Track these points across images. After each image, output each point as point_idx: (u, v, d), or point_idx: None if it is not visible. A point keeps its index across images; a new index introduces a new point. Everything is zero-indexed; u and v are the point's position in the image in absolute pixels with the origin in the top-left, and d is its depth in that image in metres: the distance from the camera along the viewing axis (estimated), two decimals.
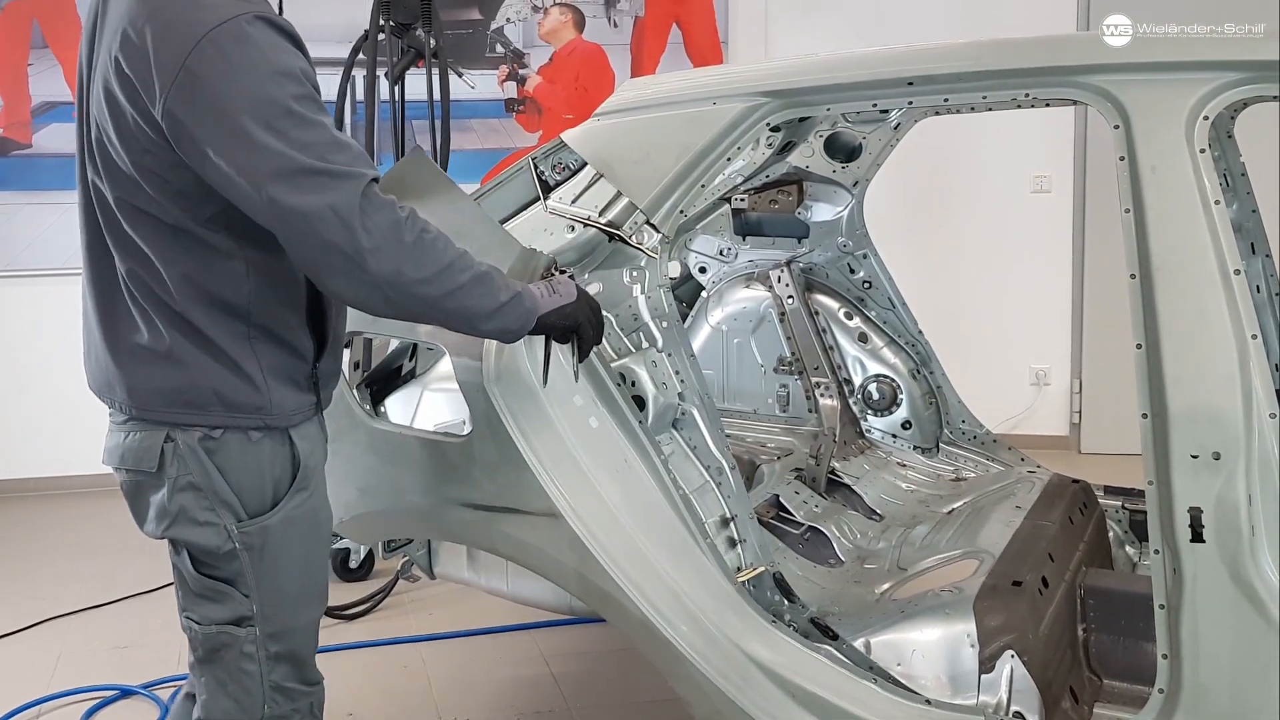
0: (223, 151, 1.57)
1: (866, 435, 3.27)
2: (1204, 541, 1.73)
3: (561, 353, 2.08)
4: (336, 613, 3.65)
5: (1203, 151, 1.77)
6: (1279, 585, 1.70)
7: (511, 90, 5.36)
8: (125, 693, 3.21)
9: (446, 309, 1.73)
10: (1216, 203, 1.76)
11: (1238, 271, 1.74)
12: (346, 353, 2.51)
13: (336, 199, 1.57)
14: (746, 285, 3.40)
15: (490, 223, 2.25)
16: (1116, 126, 1.86)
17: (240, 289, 1.72)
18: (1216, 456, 1.71)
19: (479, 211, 2.27)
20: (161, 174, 1.65)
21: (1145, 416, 1.77)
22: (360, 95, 4.14)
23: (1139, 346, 1.78)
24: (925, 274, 4.82)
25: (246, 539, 1.77)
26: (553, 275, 2.07)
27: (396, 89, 3.76)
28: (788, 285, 3.30)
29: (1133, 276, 1.79)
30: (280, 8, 2.05)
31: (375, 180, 1.64)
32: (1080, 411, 5.44)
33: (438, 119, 3.74)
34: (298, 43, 1.66)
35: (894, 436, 3.25)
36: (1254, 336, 1.72)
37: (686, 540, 2.14)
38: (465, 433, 2.31)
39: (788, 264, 3.31)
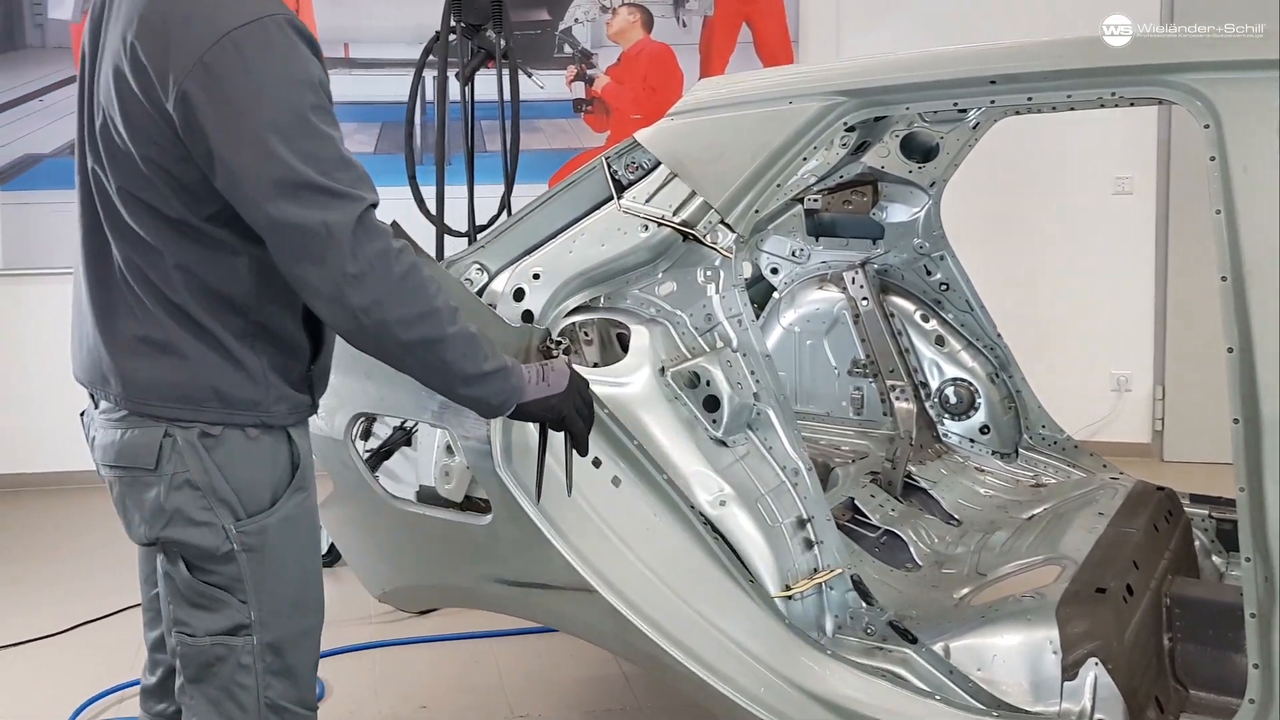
0: (229, 152, 1.54)
1: (943, 440, 3.22)
2: None
3: (553, 452, 1.99)
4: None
5: None
6: None
7: (579, 90, 5.38)
8: None
9: (423, 359, 1.67)
10: None
11: None
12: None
13: (332, 217, 1.54)
14: (819, 286, 3.37)
15: (476, 300, 2.22)
16: (1206, 126, 1.81)
17: (241, 285, 1.68)
18: None
19: (465, 288, 2.23)
20: (167, 167, 1.61)
21: (1236, 422, 1.73)
22: (431, 96, 4.19)
23: (1230, 350, 1.73)
24: (1004, 277, 4.75)
25: (245, 539, 1.71)
26: (550, 351, 2.01)
27: (467, 89, 3.80)
28: (862, 287, 3.26)
29: (1224, 279, 1.75)
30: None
31: (375, 206, 1.60)
32: (1163, 418, 5.33)
33: (507, 119, 3.77)
34: (317, 51, 1.62)
35: (972, 441, 3.20)
36: None
37: (728, 586, 2.11)
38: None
39: (862, 265, 3.28)
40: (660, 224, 2.29)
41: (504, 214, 3.89)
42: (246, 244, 1.66)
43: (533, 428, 2.08)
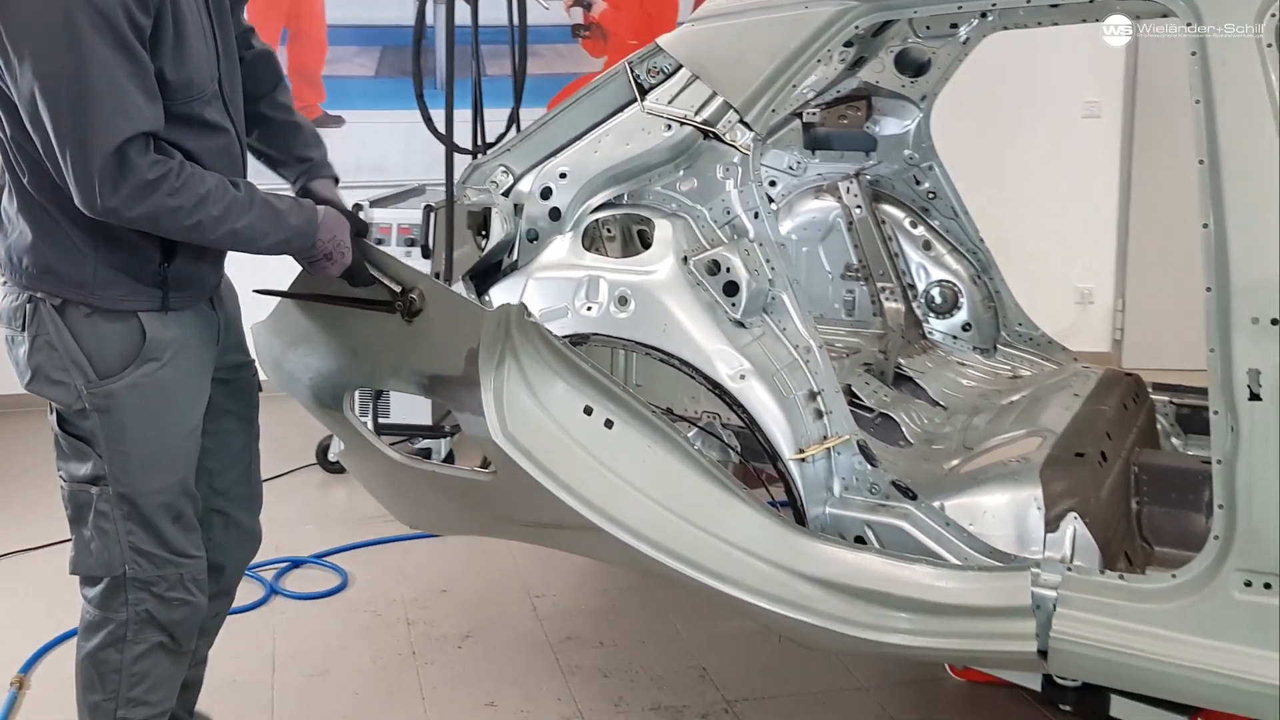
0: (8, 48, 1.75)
1: (928, 337, 3.45)
2: (1261, 400, 1.89)
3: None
4: None
5: (1270, 46, 1.92)
6: None
7: (578, 16, 5.49)
8: None
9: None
10: None
11: None
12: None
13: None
14: (816, 196, 3.56)
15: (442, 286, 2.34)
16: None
17: None
18: (1275, 322, 1.87)
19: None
20: None
21: (1209, 290, 1.92)
22: (431, 20, 4.28)
23: (1205, 226, 1.93)
24: (974, 195, 4.92)
25: (95, 400, 1.93)
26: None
27: (470, 12, 3.90)
28: (856, 196, 3.46)
29: (1201, 162, 1.94)
30: None
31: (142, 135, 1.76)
32: (1122, 329, 5.62)
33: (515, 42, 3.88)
34: None
35: (954, 338, 3.43)
36: None
37: (723, 496, 2.27)
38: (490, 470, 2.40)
39: (855, 176, 3.47)
40: (683, 123, 2.46)
41: (512, 131, 4.02)
42: None
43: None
